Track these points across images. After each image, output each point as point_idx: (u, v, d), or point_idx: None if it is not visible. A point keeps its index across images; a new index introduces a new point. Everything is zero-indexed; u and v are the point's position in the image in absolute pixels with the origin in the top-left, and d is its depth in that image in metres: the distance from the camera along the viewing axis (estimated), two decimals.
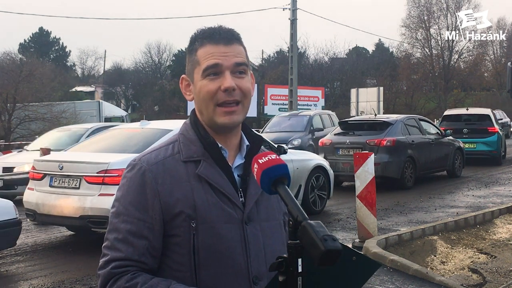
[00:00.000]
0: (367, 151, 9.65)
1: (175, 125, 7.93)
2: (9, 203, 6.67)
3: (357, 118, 15.23)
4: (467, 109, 19.35)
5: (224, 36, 1.58)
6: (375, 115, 14.51)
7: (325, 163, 9.90)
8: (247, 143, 1.64)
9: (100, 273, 1.50)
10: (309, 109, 35.29)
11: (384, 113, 33.19)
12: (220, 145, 1.58)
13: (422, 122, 13.70)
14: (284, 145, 9.02)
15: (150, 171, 1.52)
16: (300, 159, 9.32)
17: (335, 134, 12.99)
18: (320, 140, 13.30)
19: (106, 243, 1.53)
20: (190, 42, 1.63)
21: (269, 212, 1.61)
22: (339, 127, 13.31)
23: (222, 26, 1.61)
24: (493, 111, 27.15)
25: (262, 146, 1.68)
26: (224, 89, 1.53)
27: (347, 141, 12.33)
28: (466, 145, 15.99)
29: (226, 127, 1.57)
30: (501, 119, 28.56)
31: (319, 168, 9.57)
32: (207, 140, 1.57)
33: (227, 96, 1.54)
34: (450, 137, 14.21)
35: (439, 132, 14.07)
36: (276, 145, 8.84)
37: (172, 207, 1.50)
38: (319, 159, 9.92)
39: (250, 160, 1.59)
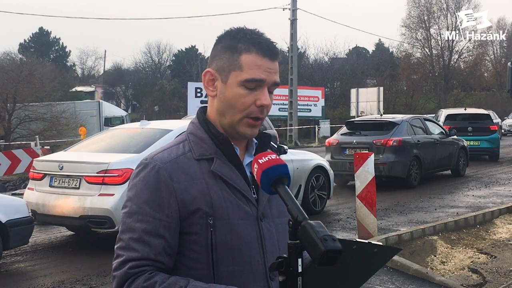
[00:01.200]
0: (374, 151, 10.19)
1: (175, 125, 7.92)
2: (22, 201, 6.77)
3: (363, 118, 15.15)
4: (465, 109, 20.34)
5: (272, 51, 1.56)
6: (381, 115, 14.60)
7: (325, 163, 9.88)
8: (255, 141, 1.65)
9: (115, 275, 1.47)
10: (310, 109, 35.38)
11: (384, 113, 33.13)
12: (232, 143, 1.59)
13: (427, 122, 13.95)
14: (284, 146, 9.02)
15: (165, 169, 1.51)
16: (300, 159, 9.31)
17: (341, 134, 13.15)
18: (327, 140, 13.55)
19: (120, 244, 1.50)
20: (232, 38, 1.57)
21: (280, 208, 1.62)
22: (345, 127, 13.45)
23: (265, 35, 1.59)
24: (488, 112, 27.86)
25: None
26: (260, 105, 1.54)
27: (354, 141, 12.52)
28: (471, 143, 16.58)
29: (245, 137, 1.59)
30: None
31: (319, 168, 9.56)
32: (219, 138, 1.56)
33: (259, 113, 1.55)
34: (454, 137, 14.39)
35: (443, 131, 14.28)
36: (276, 145, 8.85)
37: (188, 204, 1.49)
38: (319, 159, 9.91)
39: None
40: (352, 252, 1.34)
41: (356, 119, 14.62)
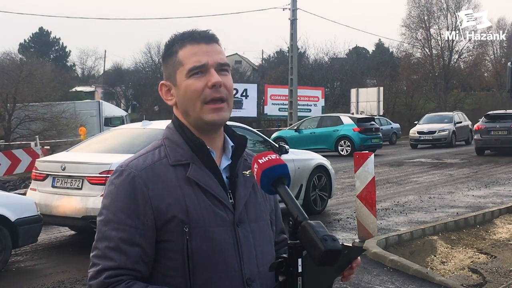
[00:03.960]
0: (511, 132, 19.26)
1: None
2: (30, 200, 6.85)
3: (495, 112, 21.64)
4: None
5: (204, 35, 1.58)
6: (506, 110, 21.27)
7: (326, 163, 9.84)
8: (231, 143, 1.62)
9: (92, 284, 1.45)
10: (310, 110, 35.39)
11: (384, 113, 33.36)
12: (208, 147, 1.57)
13: None
14: (286, 145, 9.03)
15: (140, 176, 1.49)
16: (302, 159, 9.31)
17: (485, 122, 20.15)
18: (476, 125, 20.51)
19: (95, 252, 1.49)
20: (168, 46, 1.61)
21: (257, 213, 1.60)
22: (484, 117, 20.48)
23: (197, 29, 1.61)
24: (454, 112, 27.58)
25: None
26: (212, 85, 1.52)
27: (497, 125, 19.78)
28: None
29: (214, 124, 1.55)
30: (460, 122, 26.68)
31: (320, 168, 9.55)
32: (195, 142, 1.54)
33: (214, 93, 1.53)
34: None
35: None
36: (277, 145, 8.90)
37: (164, 212, 1.47)
38: (320, 159, 9.87)
39: (236, 161, 1.59)
40: None
41: (491, 112, 21.54)
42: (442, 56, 47.40)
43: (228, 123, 1.64)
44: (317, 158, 9.82)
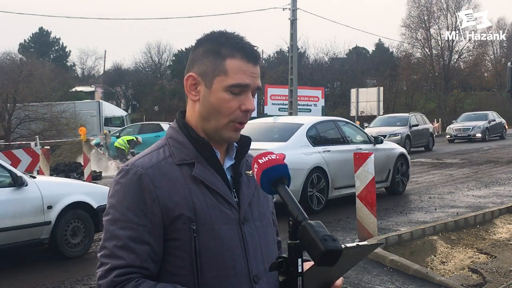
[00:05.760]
0: None
1: (304, 120, 10.11)
2: (107, 189, 7.12)
3: None
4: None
5: (255, 55, 1.56)
6: None
7: (405, 152, 11.77)
8: (235, 144, 1.63)
9: (101, 283, 1.45)
10: (310, 110, 35.41)
11: (384, 113, 33.40)
12: (213, 147, 1.58)
13: None
14: (381, 136, 11.30)
15: (147, 175, 1.49)
16: (390, 148, 11.31)
17: None
18: None
19: (104, 252, 1.48)
20: (214, 42, 1.56)
21: (261, 211, 1.62)
22: None
23: (246, 39, 1.58)
24: (410, 114, 24.76)
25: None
26: (245, 110, 1.54)
27: None
28: None
29: (230, 141, 1.59)
30: (417, 125, 23.34)
31: (402, 156, 11.42)
32: (200, 142, 1.56)
33: (244, 117, 1.55)
34: None
35: None
36: (373, 136, 10.89)
37: (171, 210, 1.48)
38: (401, 148, 11.86)
39: (240, 161, 1.61)
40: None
41: None
42: (442, 56, 47.43)
43: (333, 118, 1.64)
44: (399, 148, 11.82)
